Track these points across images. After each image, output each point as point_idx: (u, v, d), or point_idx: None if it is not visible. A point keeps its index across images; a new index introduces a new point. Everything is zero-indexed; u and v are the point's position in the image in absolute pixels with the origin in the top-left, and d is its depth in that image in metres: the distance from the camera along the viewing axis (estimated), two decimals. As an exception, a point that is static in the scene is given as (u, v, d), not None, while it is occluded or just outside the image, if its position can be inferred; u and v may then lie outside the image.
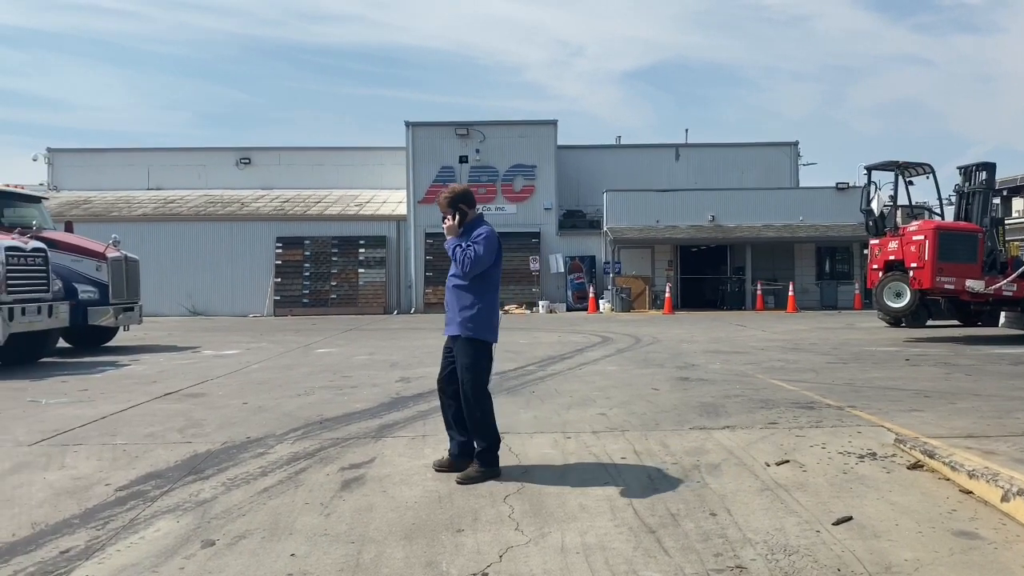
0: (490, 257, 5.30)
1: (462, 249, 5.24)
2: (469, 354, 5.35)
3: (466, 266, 5.22)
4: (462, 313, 5.32)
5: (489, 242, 5.29)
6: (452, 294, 5.40)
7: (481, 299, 5.34)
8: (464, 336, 5.33)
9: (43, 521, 4.69)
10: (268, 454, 6.07)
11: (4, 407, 8.34)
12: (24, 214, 14.89)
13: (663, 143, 35.01)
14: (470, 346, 5.35)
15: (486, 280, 5.37)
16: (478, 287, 5.34)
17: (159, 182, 35.39)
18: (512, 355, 12.84)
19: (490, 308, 5.40)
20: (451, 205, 5.34)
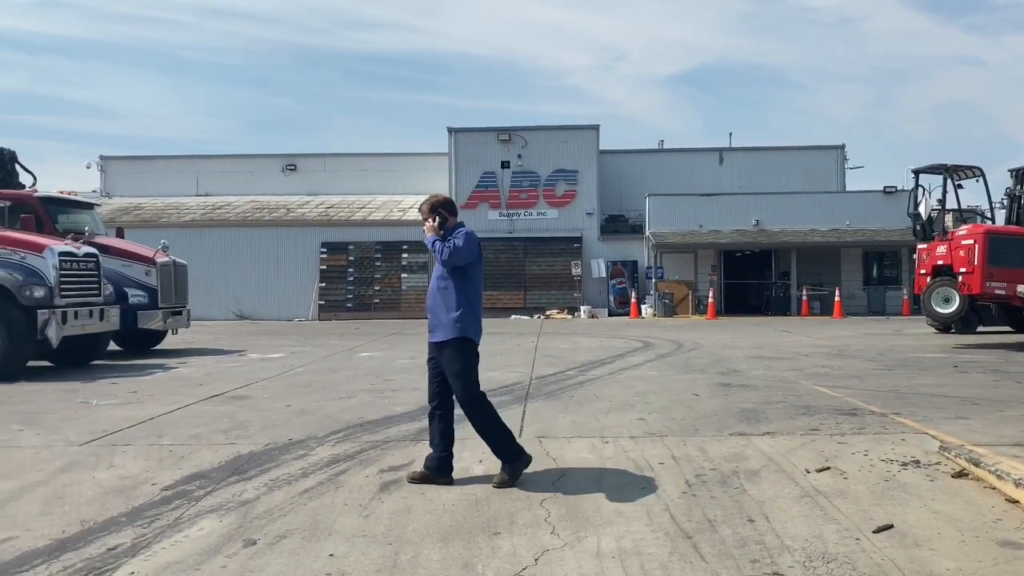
0: (470, 251, 5.36)
1: (441, 242, 5.38)
2: (460, 358, 5.34)
3: (445, 254, 5.30)
4: (449, 315, 5.35)
5: (468, 237, 5.39)
6: (437, 297, 5.44)
7: (467, 300, 5.39)
8: (453, 337, 5.33)
9: (92, 519, 4.82)
10: (309, 456, 6.17)
11: (57, 408, 8.59)
12: (77, 220, 15.30)
13: (706, 147, 34.75)
14: (459, 347, 5.35)
15: (470, 280, 5.45)
16: (463, 287, 5.40)
17: (207, 188, 36.07)
18: (552, 360, 12.86)
19: (476, 308, 5.47)
20: (432, 210, 5.51)
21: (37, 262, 11.44)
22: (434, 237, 5.45)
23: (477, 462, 5.90)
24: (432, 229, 5.46)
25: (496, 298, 29.54)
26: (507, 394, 9.12)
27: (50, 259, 11.51)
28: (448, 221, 5.51)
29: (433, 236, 5.46)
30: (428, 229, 5.49)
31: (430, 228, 5.47)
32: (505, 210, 30.20)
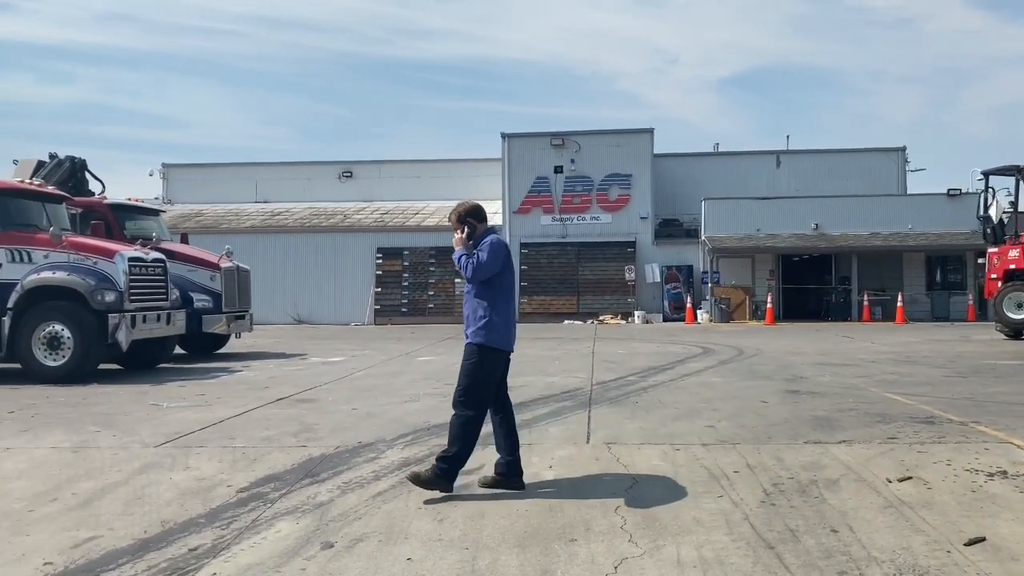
0: (495, 263, 5.31)
1: (467, 257, 5.33)
2: (474, 361, 5.34)
3: (468, 271, 5.29)
4: (478, 321, 5.35)
5: (493, 249, 5.32)
6: (467, 305, 5.46)
7: (494, 308, 5.35)
8: (471, 343, 5.37)
9: (172, 519, 4.90)
10: (380, 459, 6.20)
11: (129, 410, 8.78)
12: (144, 226, 15.69)
13: (763, 150, 34.23)
14: (475, 351, 5.35)
15: (498, 289, 5.40)
16: (490, 296, 5.37)
17: (266, 195, 36.68)
18: (612, 365, 12.76)
19: (504, 317, 5.41)
20: (460, 220, 5.46)
21: (108, 267, 11.74)
22: (461, 251, 5.39)
23: (547, 467, 5.87)
24: (460, 242, 5.42)
25: (549, 303, 29.51)
26: (569, 399, 9.07)
27: (120, 264, 11.80)
28: (477, 229, 5.47)
29: (461, 250, 5.40)
30: (456, 242, 5.45)
31: (458, 241, 5.43)
32: (558, 215, 30.13)
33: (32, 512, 5.07)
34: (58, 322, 11.37)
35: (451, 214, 5.58)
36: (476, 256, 5.29)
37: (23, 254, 11.63)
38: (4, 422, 8.06)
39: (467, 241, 5.41)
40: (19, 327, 11.39)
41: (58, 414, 8.55)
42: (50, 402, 9.43)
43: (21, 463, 6.28)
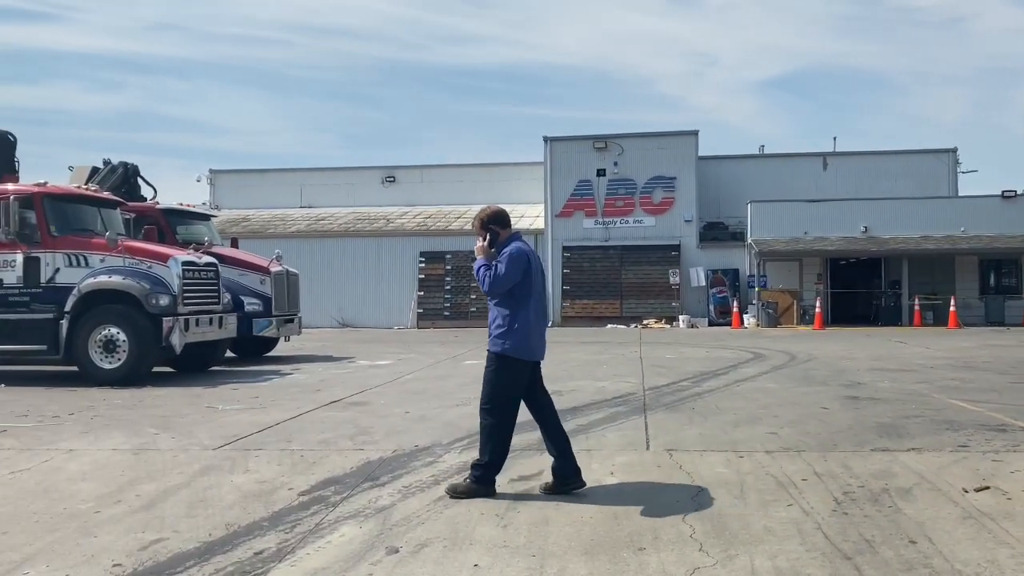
0: (514, 274, 5.19)
1: (486, 268, 5.23)
2: (492, 368, 5.33)
3: (485, 285, 5.24)
4: (497, 330, 5.30)
5: (512, 260, 5.20)
6: (490, 311, 5.42)
7: (515, 317, 5.25)
8: (493, 352, 5.32)
9: (235, 522, 4.90)
10: (438, 463, 6.16)
11: (186, 412, 8.87)
12: (196, 231, 15.92)
13: (809, 152, 33.72)
14: (497, 362, 5.31)
15: (519, 298, 5.28)
16: (511, 304, 5.27)
17: (310, 200, 37.05)
18: (662, 370, 12.61)
19: (525, 325, 5.28)
20: (483, 226, 5.36)
21: (162, 271, 11.90)
22: (482, 261, 5.30)
23: (608, 473, 5.78)
24: (482, 251, 5.32)
25: (592, 307, 29.36)
26: (623, 404, 8.96)
27: (174, 268, 11.95)
28: (500, 235, 5.36)
29: (482, 260, 5.31)
30: (478, 250, 5.35)
31: (480, 249, 5.34)
32: (601, 218, 29.96)
33: (98, 514, 5.11)
34: (114, 325, 11.55)
35: (474, 220, 5.50)
36: (495, 268, 5.20)
37: (80, 258, 11.84)
38: (65, 424, 8.19)
39: (489, 249, 5.31)
40: (76, 330, 11.59)
41: (116, 416, 8.67)
42: (108, 404, 9.57)
43: (85, 465, 6.35)
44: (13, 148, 13.37)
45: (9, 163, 13.17)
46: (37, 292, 11.81)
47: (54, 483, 5.85)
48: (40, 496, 5.53)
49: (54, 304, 11.73)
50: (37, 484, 5.83)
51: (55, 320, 11.66)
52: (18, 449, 6.89)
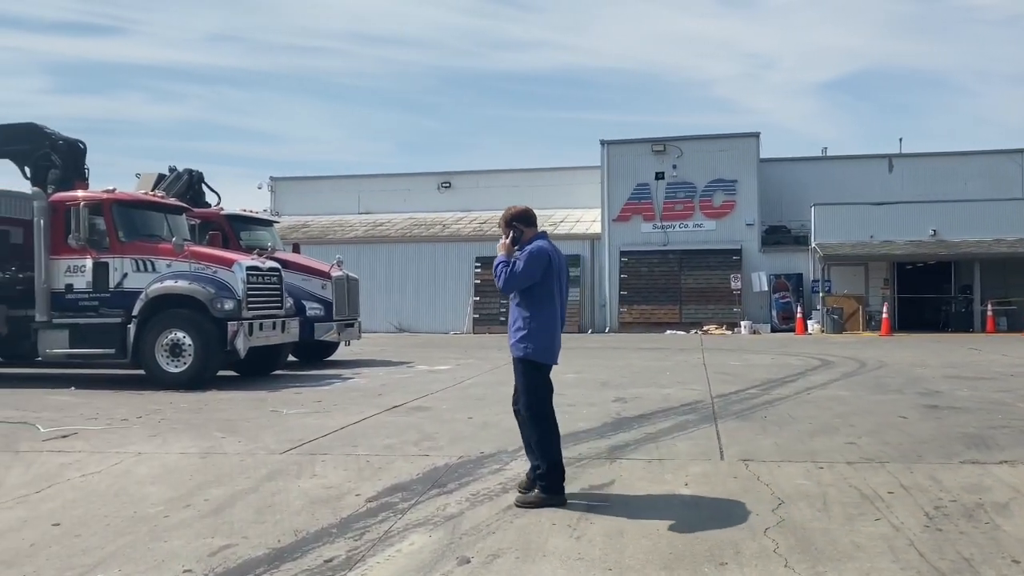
0: (532, 273, 5.09)
1: (504, 265, 5.15)
2: (522, 376, 5.27)
3: (500, 281, 5.16)
4: (517, 333, 5.22)
5: (531, 258, 5.10)
6: (510, 312, 5.33)
7: (535, 319, 5.17)
8: (516, 356, 5.24)
9: (304, 529, 4.84)
10: (505, 470, 6.04)
11: (251, 416, 8.90)
12: (258, 236, 16.12)
13: (874, 154, 32.82)
14: (523, 367, 5.25)
15: (539, 298, 5.19)
16: (530, 305, 5.19)
17: (368, 206, 37.36)
18: (727, 377, 12.30)
19: (545, 328, 5.21)
20: (507, 224, 5.30)
21: (227, 276, 12.03)
22: (502, 257, 5.21)
23: (682, 485, 5.58)
24: (504, 247, 5.24)
25: (650, 312, 28.97)
26: (692, 412, 8.72)
27: (239, 273, 12.07)
28: (524, 234, 5.27)
29: (502, 256, 5.22)
30: (500, 247, 5.27)
31: (503, 247, 5.25)
32: (659, 222, 29.56)
33: (168, 518, 5.10)
34: (180, 329, 11.71)
35: (500, 219, 5.42)
36: (512, 264, 5.12)
37: (147, 263, 12.04)
38: (134, 427, 8.29)
39: (512, 247, 5.23)
40: (143, 334, 11.77)
41: (183, 420, 8.74)
42: (174, 408, 9.67)
43: (154, 468, 6.38)
44: (83, 156, 13.67)
45: (79, 170, 13.46)
46: (106, 297, 12.05)
47: (124, 486, 5.88)
48: (111, 499, 5.56)
49: (122, 308, 11.95)
50: (108, 487, 5.86)
51: (123, 324, 11.88)
52: (89, 452, 6.97)
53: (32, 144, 13.24)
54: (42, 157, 13.17)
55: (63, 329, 12.07)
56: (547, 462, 5.15)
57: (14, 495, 5.70)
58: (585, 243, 30.24)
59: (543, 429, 5.21)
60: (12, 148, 13.36)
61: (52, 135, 13.40)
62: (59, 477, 6.14)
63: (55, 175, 12.97)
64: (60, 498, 5.61)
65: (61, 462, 6.60)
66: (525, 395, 5.26)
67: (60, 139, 13.37)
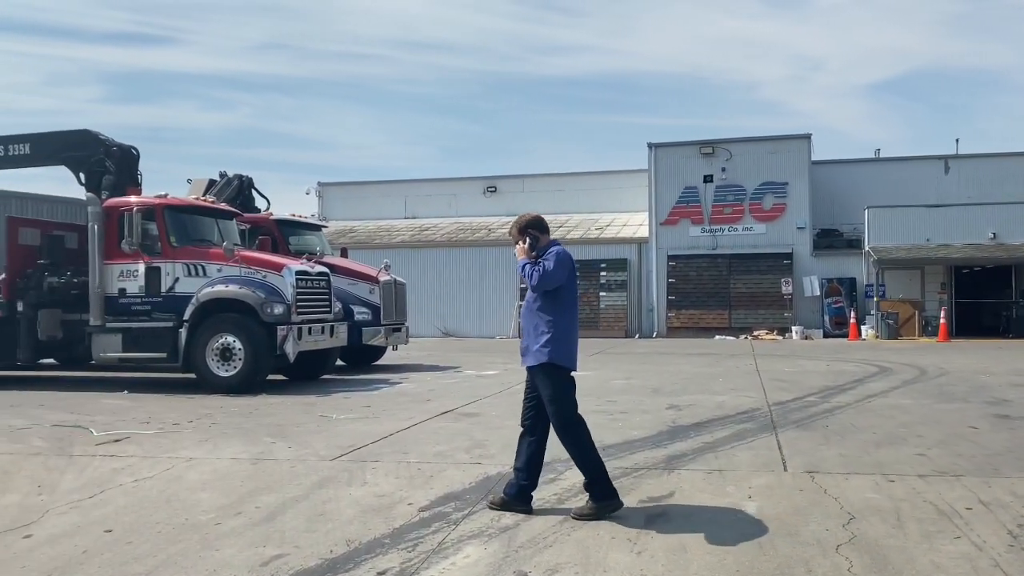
0: (561, 273, 5.11)
1: (532, 265, 5.14)
2: (550, 383, 5.14)
3: (534, 278, 5.10)
4: (539, 338, 5.14)
5: (559, 259, 5.13)
6: (528, 319, 5.26)
7: (557, 323, 5.14)
8: (541, 363, 5.13)
9: (356, 539, 4.73)
10: (560, 480, 5.88)
11: (300, 421, 8.87)
12: (307, 241, 16.18)
13: (929, 155, 31.97)
14: (550, 374, 5.14)
15: (561, 302, 5.19)
16: (554, 309, 5.17)
17: (414, 211, 37.50)
18: (783, 384, 11.98)
19: (567, 333, 5.18)
20: (522, 231, 5.28)
21: (276, 280, 12.05)
22: (525, 260, 5.22)
23: (746, 498, 5.36)
24: (523, 252, 5.24)
25: (699, 317, 28.56)
26: (749, 420, 8.46)
27: (288, 278, 12.09)
28: (540, 240, 5.29)
29: (524, 259, 5.23)
30: (519, 252, 5.27)
31: (521, 251, 5.25)
32: (708, 225, 29.13)
33: (219, 526, 5.04)
34: (230, 334, 11.75)
35: (511, 227, 5.40)
36: (542, 264, 5.11)
37: (199, 268, 12.11)
38: (185, 431, 8.30)
39: (530, 252, 5.23)
40: (194, 338, 11.84)
41: (234, 424, 8.74)
42: (224, 412, 9.68)
43: (204, 474, 6.34)
44: (136, 162, 13.83)
45: (132, 176, 13.62)
46: (158, 301, 12.15)
47: (175, 492, 5.84)
48: (162, 506, 5.52)
49: (173, 312, 12.04)
50: (159, 493, 5.83)
51: (174, 328, 11.96)
52: (140, 456, 6.97)
53: (87, 150, 13.44)
54: (96, 163, 13.35)
55: (116, 333, 12.20)
56: (591, 471, 5.06)
57: (67, 500, 5.70)
58: (632, 247, 29.94)
59: (577, 436, 5.13)
60: (68, 154, 13.58)
61: (106, 141, 13.59)
62: (111, 482, 6.13)
63: (109, 181, 13.13)
64: (112, 504, 5.59)
65: (113, 467, 6.60)
66: (554, 403, 5.13)
67: (114, 145, 13.55)
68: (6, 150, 13.79)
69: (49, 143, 13.77)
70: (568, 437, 5.13)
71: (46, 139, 13.82)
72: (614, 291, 29.62)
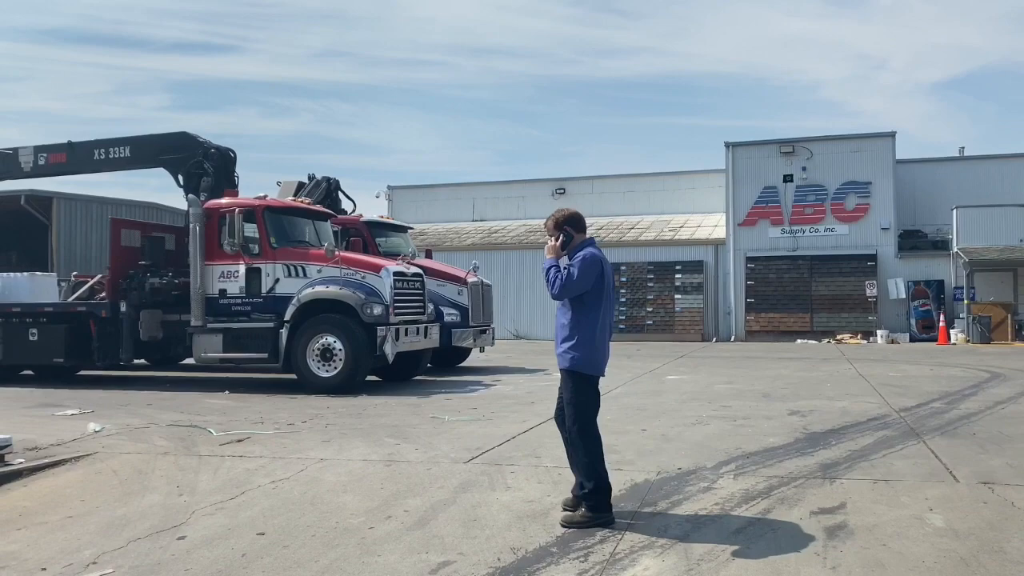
0: (586, 281, 4.87)
1: (556, 270, 4.91)
2: (570, 388, 5.01)
3: (555, 288, 4.89)
4: (564, 344, 4.99)
5: (586, 265, 4.88)
6: (557, 323, 5.11)
7: (583, 327, 4.93)
8: (564, 368, 5.01)
9: (520, 546, 4.56)
10: (714, 489, 5.61)
11: (412, 422, 8.74)
12: (394, 242, 16.17)
13: (1016, 153, 30.73)
14: (571, 380, 5.00)
15: (587, 309, 4.94)
16: (579, 313, 4.95)
17: (482, 214, 37.49)
18: (897, 389, 11.48)
19: (591, 337, 4.94)
20: (557, 227, 5.05)
21: (375, 281, 12.00)
22: (552, 261, 4.97)
23: (927, 510, 5.04)
24: (553, 250, 5.00)
25: (779, 321, 27.88)
26: (885, 428, 8.05)
27: (386, 279, 12.03)
28: (574, 239, 5.05)
29: (552, 259, 4.98)
30: (548, 250, 5.03)
31: (551, 249, 5.01)
32: (788, 226, 28.40)
33: (372, 530, 4.91)
34: (330, 334, 11.73)
35: (547, 220, 5.17)
36: (568, 271, 4.88)
37: (299, 269, 12.13)
38: (302, 432, 8.23)
39: (560, 250, 5.00)
40: (295, 339, 11.86)
41: (348, 425, 8.66)
42: (333, 412, 9.63)
43: (340, 476, 6.24)
44: (233, 164, 13.98)
45: (230, 178, 13.77)
46: (258, 302, 12.20)
47: (317, 494, 5.74)
48: (308, 508, 5.42)
49: (274, 313, 12.07)
50: (301, 495, 5.74)
51: (275, 329, 12.00)
52: (270, 457, 6.91)
53: (186, 152, 13.62)
54: (195, 165, 13.53)
55: (217, 333, 12.27)
56: (594, 481, 4.89)
57: (210, 501, 5.64)
58: (708, 248, 29.36)
59: (589, 446, 4.96)
60: (167, 157, 13.79)
61: (204, 143, 13.76)
62: (248, 483, 6.06)
63: (207, 183, 13.28)
64: (256, 505, 5.51)
65: (246, 467, 6.54)
66: (571, 408, 4.99)
67: (212, 147, 13.70)
68: (107, 153, 14.09)
69: (148, 146, 14.00)
70: (583, 441, 4.96)
71: (145, 142, 14.06)
72: (690, 294, 29.08)
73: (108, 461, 6.85)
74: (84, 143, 14.33)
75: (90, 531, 5.13)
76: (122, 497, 5.86)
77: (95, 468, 6.66)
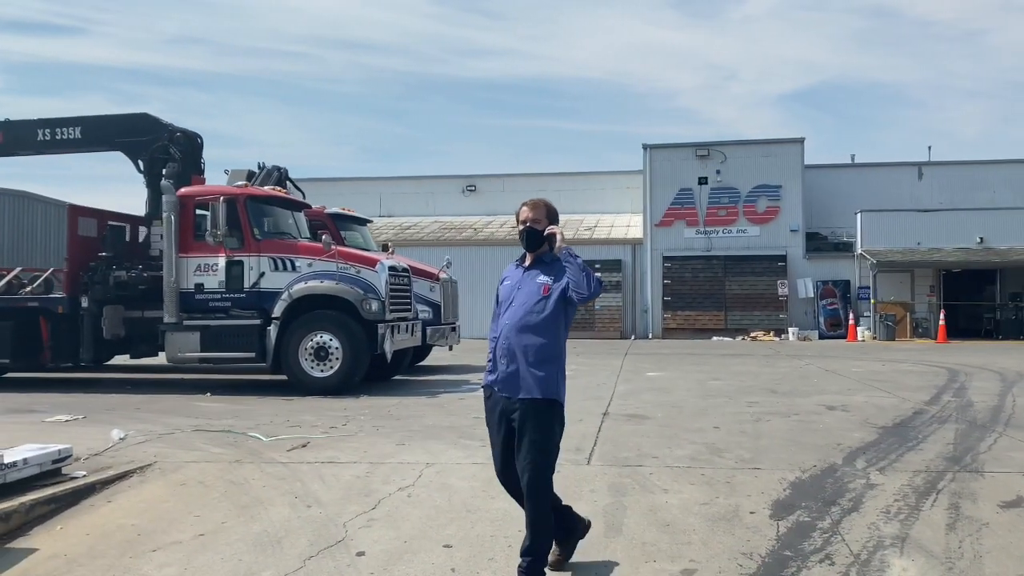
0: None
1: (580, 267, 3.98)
2: (547, 423, 3.98)
3: (594, 287, 4.00)
4: (544, 366, 3.98)
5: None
6: (526, 337, 4.01)
7: (563, 349, 4.12)
8: (546, 398, 3.97)
9: (749, 551, 4.43)
10: (877, 485, 5.54)
11: (459, 423, 8.28)
12: (353, 236, 15.38)
13: (903, 161, 32.89)
14: (550, 412, 4.01)
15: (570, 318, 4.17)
16: (564, 328, 4.13)
17: (390, 209, 36.68)
18: (887, 384, 11.91)
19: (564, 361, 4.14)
20: (550, 217, 4.16)
21: (371, 276, 11.39)
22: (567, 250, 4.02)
23: None
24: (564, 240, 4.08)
25: (695, 318, 28.66)
26: (943, 421, 8.24)
27: (382, 274, 11.44)
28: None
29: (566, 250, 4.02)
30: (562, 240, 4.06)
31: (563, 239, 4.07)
32: (703, 227, 29.24)
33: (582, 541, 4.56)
34: (326, 332, 11.05)
35: (536, 208, 4.15)
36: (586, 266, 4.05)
37: (287, 262, 11.34)
38: (358, 435, 7.64)
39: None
40: (285, 337, 11.09)
41: (395, 426, 8.15)
42: (357, 414, 9.01)
43: (467, 480, 5.83)
44: (200, 149, 12.97)
45: (196, 164, 12.76)
46: (239, 297, 11.32)
47: (464, 501, 5.34)
48: (466, 515, 5.09)
49: (257, 309, 11.25)
50: (448, 502, 5.32)
51: (261, 326, 11.18)
52: (366, 463, 6.34)
53: (149, 136, 12.52)
54: (159, 150, 12.46)
55: (194, 331, 11.30)
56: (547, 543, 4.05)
57: (351, 512, 5.14)
58: (627, 248, 29.82)
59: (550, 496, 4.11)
60: (126, 140, 12.63)
61: (168, 127, 12.72)
62: (375, 492, 5.55)
63: (173, 169, 12.19)
64: (410, 516, 5.06)
65: (352, 475, 5.99)
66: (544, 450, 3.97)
67: (178, 131, 12.68)
68: (53, 134, 12.76)
69: (103, 127, 12.83)
70: (545, 496, 4.01)
71: (100, 122, 12.87)
72: (609, 292, 29.39)
73: (180, 471, 6.12)
74: (24, 121, 12.90)
75: (242, 550, 4.56)
76: (239, 511, 5.23)
77: (173, 479, 5.94)
